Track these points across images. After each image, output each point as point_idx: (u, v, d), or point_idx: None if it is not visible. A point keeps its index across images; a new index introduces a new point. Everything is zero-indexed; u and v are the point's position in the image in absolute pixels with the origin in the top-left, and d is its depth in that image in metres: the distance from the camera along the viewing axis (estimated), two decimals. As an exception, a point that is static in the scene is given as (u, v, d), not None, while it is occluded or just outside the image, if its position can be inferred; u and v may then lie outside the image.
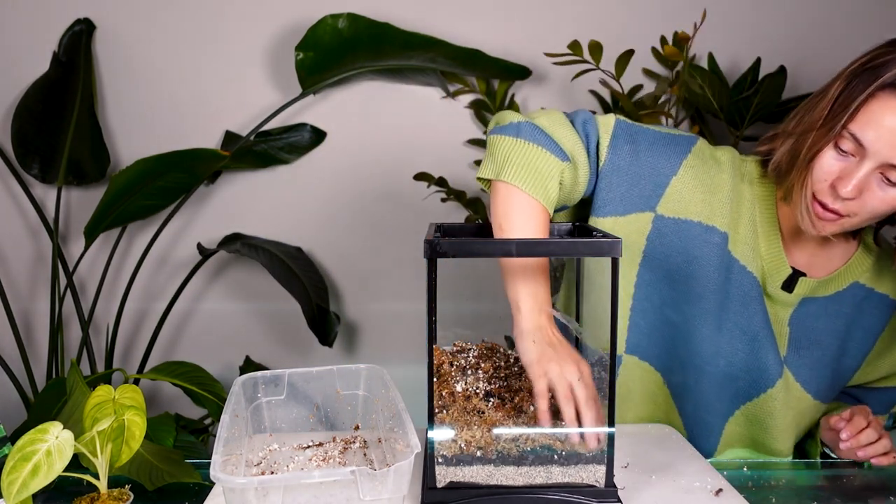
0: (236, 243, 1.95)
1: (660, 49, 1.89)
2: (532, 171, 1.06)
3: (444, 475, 0.92)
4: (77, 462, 0.93)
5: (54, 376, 1.95)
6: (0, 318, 1.97)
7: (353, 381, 1.13)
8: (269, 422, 1.11)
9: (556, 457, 0.93)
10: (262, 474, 1.00)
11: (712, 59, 1.92)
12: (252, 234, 2.05)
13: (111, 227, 1.87)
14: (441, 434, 0.93)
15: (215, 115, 2.02)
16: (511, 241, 0.92)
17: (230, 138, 2.01)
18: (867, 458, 1.11)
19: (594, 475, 0.92)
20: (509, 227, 1.04)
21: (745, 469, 1.13)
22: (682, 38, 1.74)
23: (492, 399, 0.99)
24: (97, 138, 1.94)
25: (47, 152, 1.95)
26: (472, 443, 0.93)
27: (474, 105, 2.01)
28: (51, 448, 0.83)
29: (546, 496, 0.90)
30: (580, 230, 1.12)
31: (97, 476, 0.92)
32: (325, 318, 1.89)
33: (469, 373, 1.03)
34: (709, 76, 1.86)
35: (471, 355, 1.06)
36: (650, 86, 1.97)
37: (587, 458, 0.93)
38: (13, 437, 1.27)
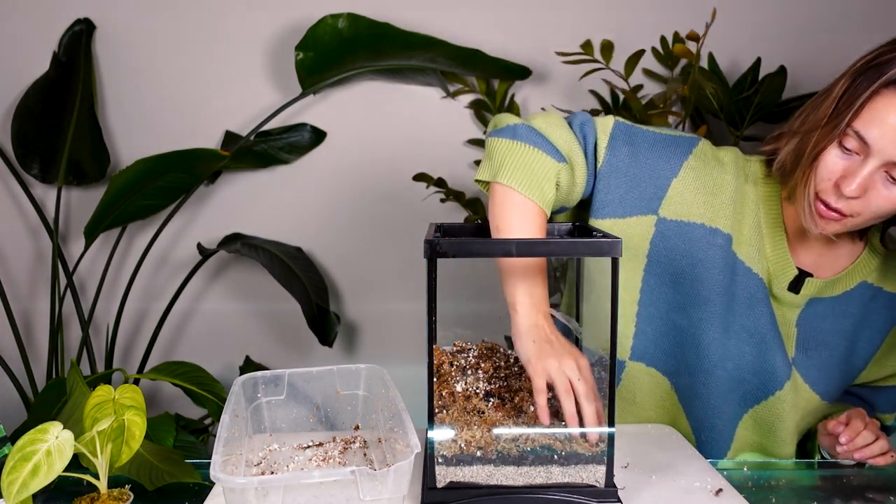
0: (236, 243, 1.95)
1: (659, 49, 1.89)
2: (528, 172, 1.06)
3: (444, 475, 0.92)
4: (77, 462, 0.93)
5: (54, 376, 1.94)
6: (0, 318, 1.97)
7: (353, 381, 1.12)
8: (269, 422, 1.11)
9: (556, 457, 0.93)
10: (262, 474, 1.00)
11: (712, 59, 1.92)
12: (252, 234, 2.05)
13: (111, 227, 1.87)
14: (441, 434, 0.93)
15: (215, 115, 2.02)
16: (511, 241, 0.92)
17: (230, 138, 2.01)
18: (864, 458, 1.11)
19: (594, 475, 0.92)
20: (506, 227, 1.05)
21: (745, 469, 1.13)
22: (693, 37, 1.73)
23: (492, 399, 0.99)
24: (97, 138, 1.95)
25: (47, 152, 1.95)
26: (472, 443, 0.93)
27: (474, 105, 2.01)
28: (51, 448, 0.83)
29: (546, 496, 0.90)
30: (580, 230, 1.12)
31: (97, 476, 0.92)
32: (325, 318, 1.89)
33: (469, 373, 1.03)
34: (709, 76, 1.86)
35: (471, 355, 1.05)
36: (650, 85, 1.97)
37: (587, 458, 0.93)
38: (13, 437, 1.26)
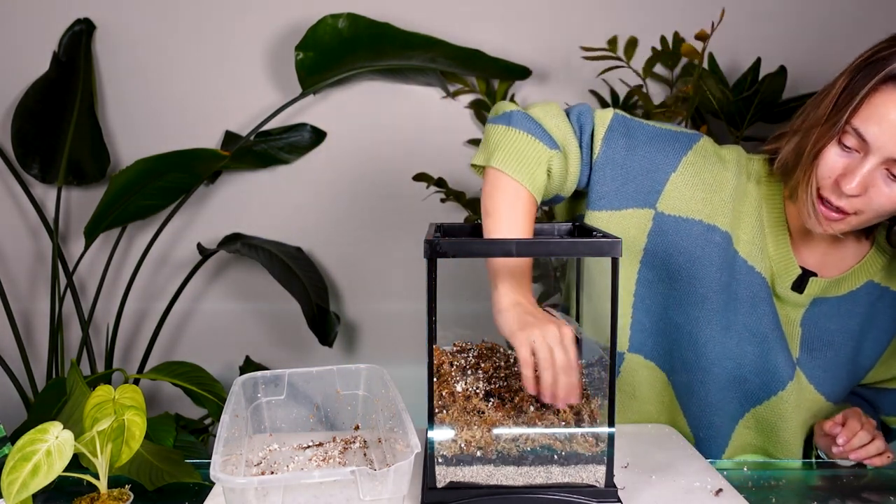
0: (236, 243, 1.95)
1: (659, 49, 1.89)
2: (520, 157, 1.06)
3: (444, 475, 0.92)
4: (77, 462, 0.93)
5: (54, 376, 1.94)
6: (0, 318, 1.97)
7: (353, 381, 1.12)
8: (269, 422, 1.11)
9: (556, 457, 0.93)
10: (262, 474, 1.00)
11: (712, 59, 1.92)
12: (252, 234, 2.05)
13: (111, 227, 1.87)
14: (441, 434, 0.93)
15: (215, 115, 2.02)
16: (511, 241, 0.92)
17: (230, 138, 2.01)
18: (860, 459, 1.11)
19: (594, 475, 0.92)
20: (494, 210, 1.05)
21: (745, 469, 1.13)
22: (702, 36, 1.73)
23: (492, 399, 0.99)
24: (97, 138, 1.94)
25: (47, 152, 1.95)
26: (472, 443, 0.93)
27: (474, 105, 2.01)
28: (51, 448, 0.83)
29: (546, 496, 0.90)
30: (580, 230, 1.12)
31: (97, 476, 0.92)
32: (325, 318, 1.89)
33: (469, 373, 1.02)
34: (711, 76, 1.86)
35: (471, 355, 1.05)
36: (650, 85, 1.97)
37: (587, 458, 0.93)
38: (13, 437, 1.26)
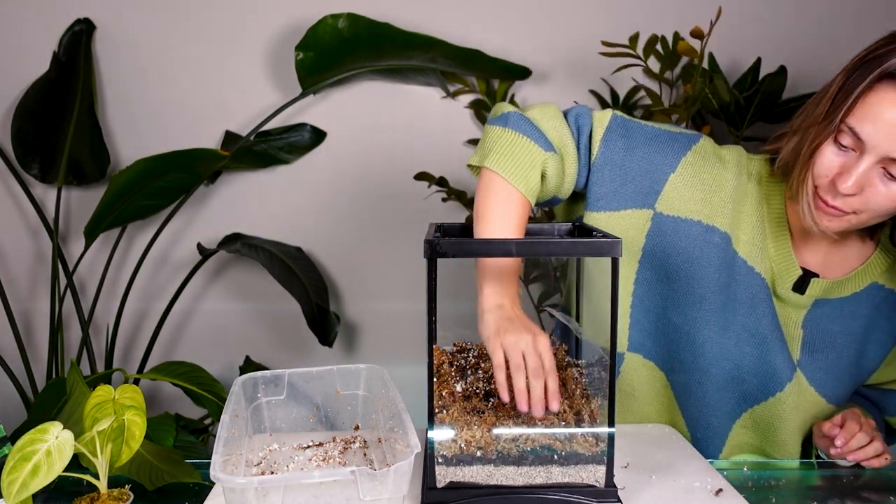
0: (236, 243, 1.95)
1: (659, 49, 1.89)
2: (514, 159, 1.06)
3: (444, 475, 0.92)
4: (77, 462, 0.93)
5: (54, 376, 1.94)
6: (0, 318, 1.97)
7: (353, 381, 1.12)
8: (269, 422, 1.11)
9: (556, 457, 0.93)
10: (262, 474, 1.00)
11: (713, 58, 1.92)
12: (252, 234, 2.05)
13: (111, 227, 1.87)
14: (441, 434, 0.93)
15: (215, 115, 2.02)
16: (511, 241, 0.92)
17: (230, 138, 2.01)
18: (857, 461, 1.11)
19: (594, 475, 0.92)
20: (486, 211, 1.05)
21: (745, 469, 1.13)
22: (698, 34, 1.72)
23: (492, 399, 0.99)
24: (97, 138, 1.94)
25: (47, 152, 1.95)
26: (472, 443, 0.93)
27: (474, 105, 2.01)
28: (51, 448, 0.83)
29: (546, 496, 0.90)
30: (580, 230, 1.12)
31: (97, 476, 0.92)
32: (325, 318, 1.89)
33: (469, 373, 1.03)
34: (709, 76, 1.86)
35: (471, 355, 1.05)
36: (650, 85, 1.97)
37: (587, 458, 0.93)
38: (13, 437, 1.27)
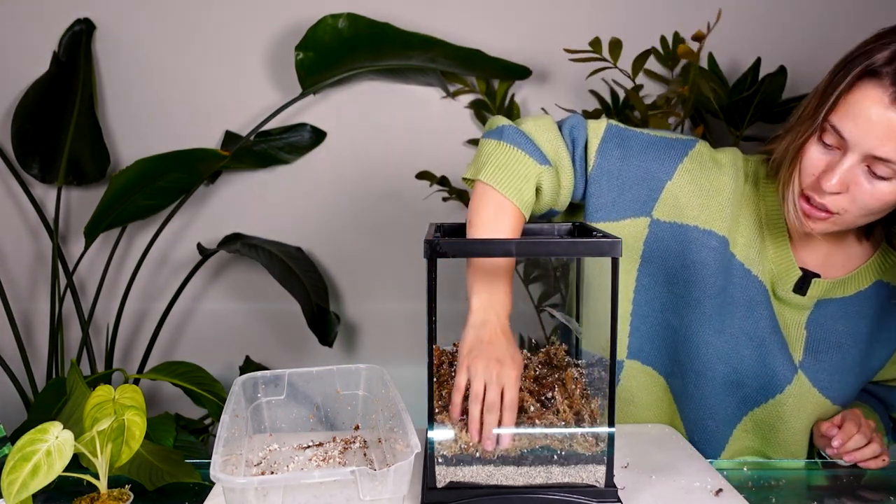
0: (236, 243, 1.95)
1: (659, 49, 1.89)
2: (508, 172, 1.06)
3: (444, 475, 0.92)
4: (77, 462, 0.93)
5: (54, 376, 1.94)
6: (0, 318, 1.97)
7: (353, 381, 1.13)
8: (269, 422, 1.11)
9: (555, 457, 0.93)
10: (262, 474, 1.00)
11: (712, 59, 1.92)
12: (252, 234, 2.05)
13: (111, 227, 1.87)
14: (441, 434, 0.93)
15: (215, 115, 2.02)
16: (510, 241, 0.92)
17: (230, 138, 2.01)
18: (854, 462, 1.11)
19: (594, 475, 0.92)
20: (479, 224, 1.05)
21: (745, 469, 1.13)
22: (699, 37, 1.72)
23: (492, 399, 0.99)
24: (97, 138, 1.94)
25: (47, 152, 1.95)
26: (472, 443, 0.93)
27: (474, 105, 2.01)
28: (51, 448, 0.83)
29: (546, 496, 0.90)
30: (580, 230, 1.12)
31: (97, 476, 0.92)
32: (325, 318, 1.89)
33: (469, 373, 1.02)
34: (709, 76, 1.86)
35: (471, 355, 1.05)
36: (651, 86, 1.97)
37: (587, 458, 0.93)
38: (13, 437, 1.27)
